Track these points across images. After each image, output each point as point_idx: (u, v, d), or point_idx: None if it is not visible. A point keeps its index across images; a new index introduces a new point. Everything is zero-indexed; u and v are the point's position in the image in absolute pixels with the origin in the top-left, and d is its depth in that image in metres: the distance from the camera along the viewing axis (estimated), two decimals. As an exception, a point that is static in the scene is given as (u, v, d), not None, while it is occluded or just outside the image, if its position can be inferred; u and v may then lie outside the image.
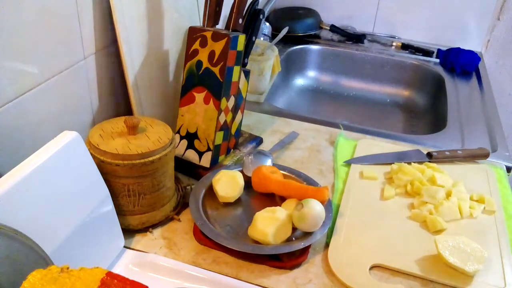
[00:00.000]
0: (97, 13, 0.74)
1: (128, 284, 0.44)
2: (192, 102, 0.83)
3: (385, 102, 1.49)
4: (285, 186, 0.76)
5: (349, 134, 1.02)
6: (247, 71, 0.88)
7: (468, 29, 1.55)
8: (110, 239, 0.66)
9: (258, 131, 1.01)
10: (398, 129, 1.36)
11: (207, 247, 0.70)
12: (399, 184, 0.84)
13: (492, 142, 1.05)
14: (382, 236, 0.73)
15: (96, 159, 0.64)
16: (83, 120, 0.77)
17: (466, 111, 1.19)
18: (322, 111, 1.47)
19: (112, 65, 0.82)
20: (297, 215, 0.69)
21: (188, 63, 0.82)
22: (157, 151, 0.67)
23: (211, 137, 0.82)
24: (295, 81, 1.55)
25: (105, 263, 0.65)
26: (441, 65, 1.46)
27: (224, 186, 0.76)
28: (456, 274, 0.67)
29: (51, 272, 0.44)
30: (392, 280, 0.67)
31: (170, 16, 0.86)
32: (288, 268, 0.67)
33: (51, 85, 0.67)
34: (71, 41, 0.70)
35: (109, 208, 0.65)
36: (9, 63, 0.59)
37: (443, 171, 0.88)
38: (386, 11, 1.60)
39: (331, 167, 0.91)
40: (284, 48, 1.49)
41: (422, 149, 0.96)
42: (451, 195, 0.80)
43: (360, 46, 1.56)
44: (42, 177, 0.53)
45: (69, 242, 0.57)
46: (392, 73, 1.51)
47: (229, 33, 0.79)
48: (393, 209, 0.80)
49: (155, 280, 0.64)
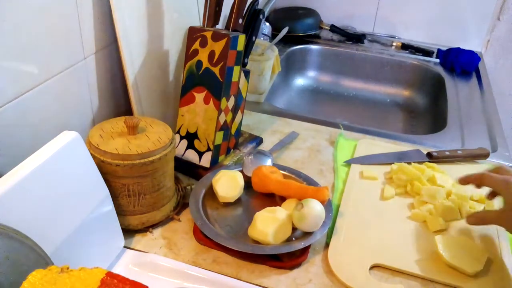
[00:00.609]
0: (97, 13, 0.74)
1: (128, 284, 0.44)
2: (192, 102, 0.83)
3: (385, 102, 1.49)
4: (285, 186, 0.76)
5: (349, 134, 1.02)
6: (247, 71, 0.88)
7: (468, 29, 1.55)
8: (110, 239, 0.66)
9: (258, 131, 1.01)
10: (398, 129, 1.36)
11: (207, 247, 0.70)
12: (399, 184, 0.84)
13: (492, 142, 1.05)
14: (382, 236, 0.73)
15: (96, 159, 0.64)
16: (83, 120, 0.77)
17: (466, 111, 1.19)
18: (322, 111, 1.47)
19: (112, 65, 0.82)
20: (297, 215, 0.69)
21: (188, 63, 0.83)
22: (157, 151, 0.67)
23: (211, 137, 0.82)
24: (295, 81, 1.55)
25: (105, 263, 0.65)
26: (441, 65, 1.46)
27: (224, 186, 0.76)
28: (456, 274, 0.67)
29: (51, 272, 0.44)
30: (392, 280, 0.67)
31: (170, 16, 0.86)
32: (288, 268, 0.67)
33: (51, 85, 0.67)
34: (71, 41, 0.70)
35: (109, 208, 0.65)
36: (9, 63, 0.59)
37: (443, 171, 0.88)
38: (386, 11, 1.60)
39: (331, 167, 0.91)
40: (284, 48, 1.49)
41: (422, 149, 0.96)
42: (451, 195, 0.80)
43: (360, 46, 1.56)
44: (42, 177, 0.53)
45: (69, 242, 0.57)
46: (392, 73, 1.51)
47: (229, 33, 0.79)
48: (393, 209, 0.80)
49: (155, 280, 0.64)
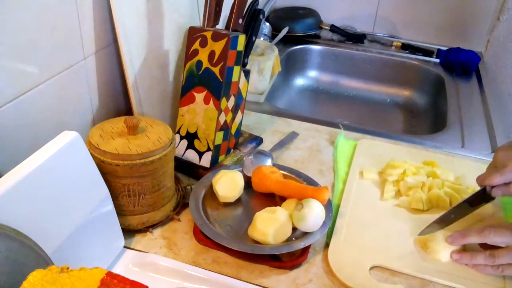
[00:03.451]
0: (97, 13, 0.74)
1: (128, 284, 0.44)
2: (192, 102, 0.83)
3: (385, 102, 1.49)
4: (285, 186, 0.76)
5: (349, 134, 1.02)
6: (247, 71, 0.88)
7: (468, 29, 1.55)
8: (110, 239, 0.66)
9: (258, 131, 1.01)
10: (398, 129, 1.36)
11: (207, 247, 0.70)
12: (391, 180, 0.84)
13: (492, 142, 1.05)
14: (382, 236, 0.73)
15: (96, 159, 0.64)
16: (83, 120, 0.77)
17: (466, 111, 1.19)
18: (322, 111, 1.47)
19: (112, 65, 0.82)
20: (297, 215, 0.69)
21: (188, 63, 0.83)
22: (157, 151, 0.67)
23: (211, 137, 0.82)
24: (295, 81, 1.55)
25: (105, 263, 0.65)
26: (441, 65, 1.46)
27: (224, 186, 0.76)
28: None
29: (51, 272, 0.44)
30: (392, 280, 0.67)
31: (170, 16, 0.86)
32: (288, 268, 0.67)
33: (51, 85, 0.67)
34: (71, 41, 0.70)
35: (109, 208, 0.65)
36: (9, 63, 0.59)
37: (444, 168, 0.88)
38: (386, 11, 1.60)
39: (331, 167, 0.91)
40: (284, 48, 1.49)
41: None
42: (443, 187, 0.81)
43: (360, 46, 1.56)
44: (42, 177, 0.53)
45: (69, 242, 0.57)
46: (392, 73, 1.51)
47: (229, 33, 0.79)
48: (393, 209, 0.80)
49: (155, 280, 0.64)
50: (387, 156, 0.92)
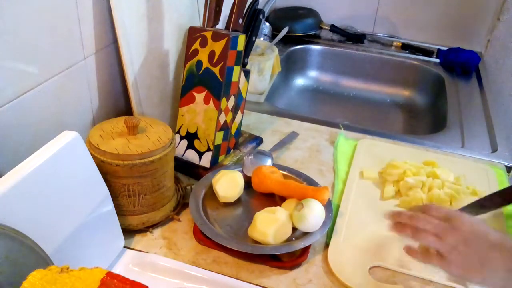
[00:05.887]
0: (97, 13, 0.74)
1: (128, 284, 0.44)
2: (192, 102, 0.83)
3: (385, 102, 1.49)
4: (285, 186, 0.76)
5: (349, 134, 1.02)
6: (247, 71, 0.88)
7: (468, 29, 1.55)
8: (110, 239, 0.66)
9: (258, 131, 1.01)
10: (398, 129, 1.36)
11: (207, 247, 0.70)
12: (392, 180, 0.84)
13: (492, 142, 1.05)
14: (382, 236, 0.73)
15: (96, 159, 0.64)
16: (83, 120, 0.77)
17: (466, 111, 1.19)
18: (322, 111, 1.47)
19: (112, 65, 0.82)
20: (297, 215, 0.69)
21: (188, 63, 0.83)
22: (157, 151, 0.67)
23: (211, 137, 0.82)
24: (295, 81, 1.55)
25: (105, 263, 0.65)
26: (441, 65, 1.45)
27: (224, 186, 0.76)
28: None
29: (51, 272, 0.44)
30: (392, 280, 0.67)
31: (170, 16, 0.86)
32: (288, 268, 0.67)
33: (51, 85, 0.67)
34: (71, 41, 0.70)
35: (109, 208, 0.65)
36: (9, 63, 0.59)
37: (444, 168, 0.88)
38: (386, 11, 1.59)
39: (331, 167, 0.91)
40: (284, 48, 1.48)
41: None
42: (443, 187, 0.81)
43: (360, 46, 1.56)
44: (42, 177, 0.53)
45: (69, 242, 0.57)
46: (392, 73, 1.50)
47: (229, 33, 0.79)
48: (393, 209, 0.79)
49: (155, 280, 0.64)
50: (387, 156, 0.92)
